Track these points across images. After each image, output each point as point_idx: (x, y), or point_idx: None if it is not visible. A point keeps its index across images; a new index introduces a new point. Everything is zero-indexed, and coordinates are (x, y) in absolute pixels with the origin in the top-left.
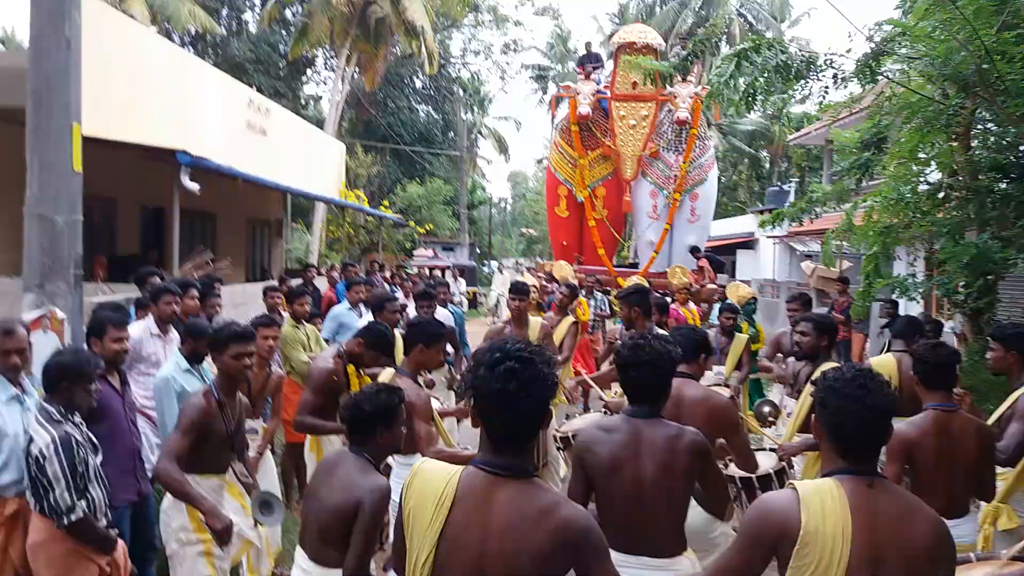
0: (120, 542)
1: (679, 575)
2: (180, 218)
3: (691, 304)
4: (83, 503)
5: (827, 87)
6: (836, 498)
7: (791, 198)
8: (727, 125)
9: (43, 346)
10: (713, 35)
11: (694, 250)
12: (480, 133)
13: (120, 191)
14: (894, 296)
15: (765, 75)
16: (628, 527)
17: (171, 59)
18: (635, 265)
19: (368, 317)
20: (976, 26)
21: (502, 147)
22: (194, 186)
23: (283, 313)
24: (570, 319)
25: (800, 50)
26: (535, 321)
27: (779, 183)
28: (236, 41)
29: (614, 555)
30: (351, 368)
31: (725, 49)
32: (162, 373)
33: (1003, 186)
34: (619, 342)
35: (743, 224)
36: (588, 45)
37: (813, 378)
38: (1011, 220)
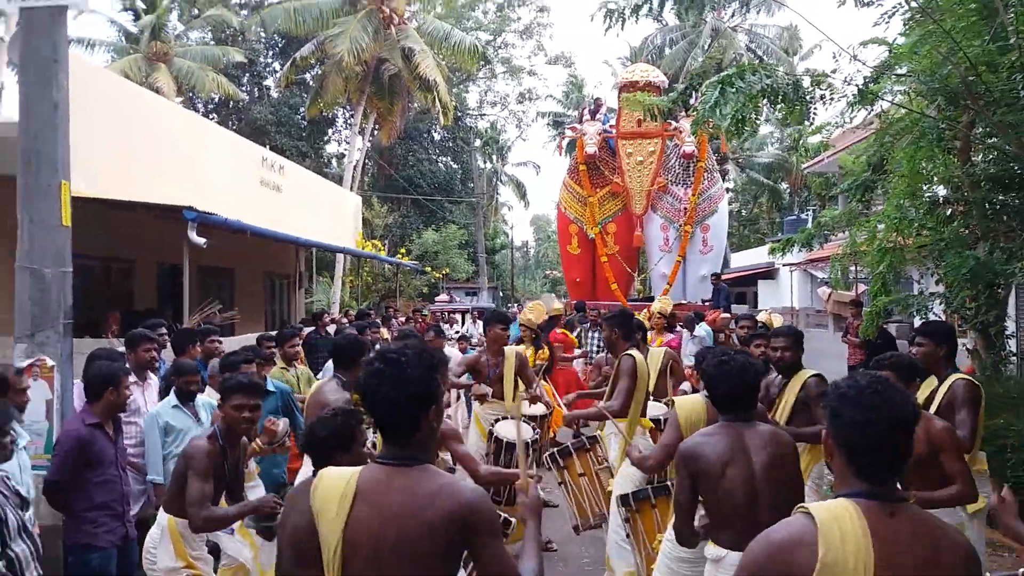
0: None
1: None
2: (198, 274)
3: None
4: (1, 563)
5: (815, 108)
6: (855, 524)
7: (809, 225)
8: (744, 158)
9: (33, 393)
10: (710, 68)
11: (715, 276)
12: (500, 180)
13: (139, 251)
14: (910, 315)
15: (752, 100)
16: (744, 525)
17: (182, 123)
18: (650, 299)
19: None
20: (957, 38)
21: (521, 192)
22: (200, 240)
23: (277, 361)
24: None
25: (787, 73)
26: (510, 351)
27: (798, 212)
28: (258, 105)
29: (730, 556)
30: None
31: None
32: (152, 409)
33: (1002, 197)
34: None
35: (763, 255)
36: (597, 100)
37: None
38: (1017, 232)
